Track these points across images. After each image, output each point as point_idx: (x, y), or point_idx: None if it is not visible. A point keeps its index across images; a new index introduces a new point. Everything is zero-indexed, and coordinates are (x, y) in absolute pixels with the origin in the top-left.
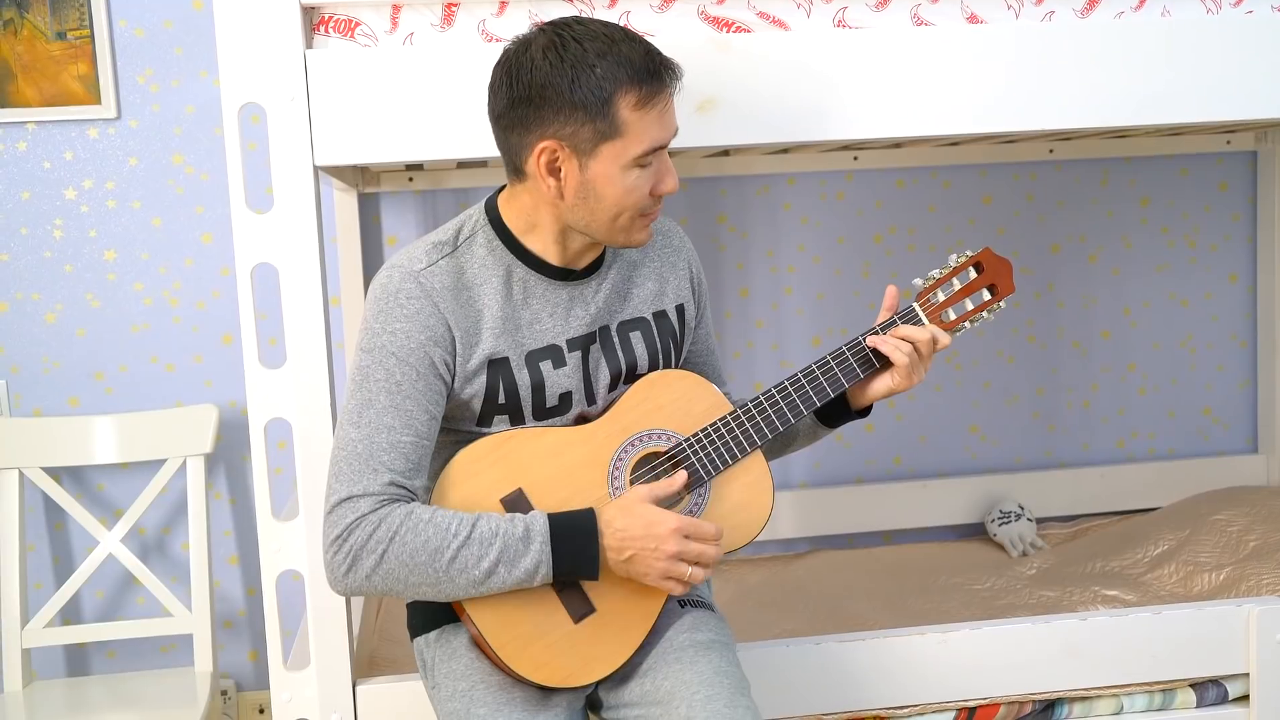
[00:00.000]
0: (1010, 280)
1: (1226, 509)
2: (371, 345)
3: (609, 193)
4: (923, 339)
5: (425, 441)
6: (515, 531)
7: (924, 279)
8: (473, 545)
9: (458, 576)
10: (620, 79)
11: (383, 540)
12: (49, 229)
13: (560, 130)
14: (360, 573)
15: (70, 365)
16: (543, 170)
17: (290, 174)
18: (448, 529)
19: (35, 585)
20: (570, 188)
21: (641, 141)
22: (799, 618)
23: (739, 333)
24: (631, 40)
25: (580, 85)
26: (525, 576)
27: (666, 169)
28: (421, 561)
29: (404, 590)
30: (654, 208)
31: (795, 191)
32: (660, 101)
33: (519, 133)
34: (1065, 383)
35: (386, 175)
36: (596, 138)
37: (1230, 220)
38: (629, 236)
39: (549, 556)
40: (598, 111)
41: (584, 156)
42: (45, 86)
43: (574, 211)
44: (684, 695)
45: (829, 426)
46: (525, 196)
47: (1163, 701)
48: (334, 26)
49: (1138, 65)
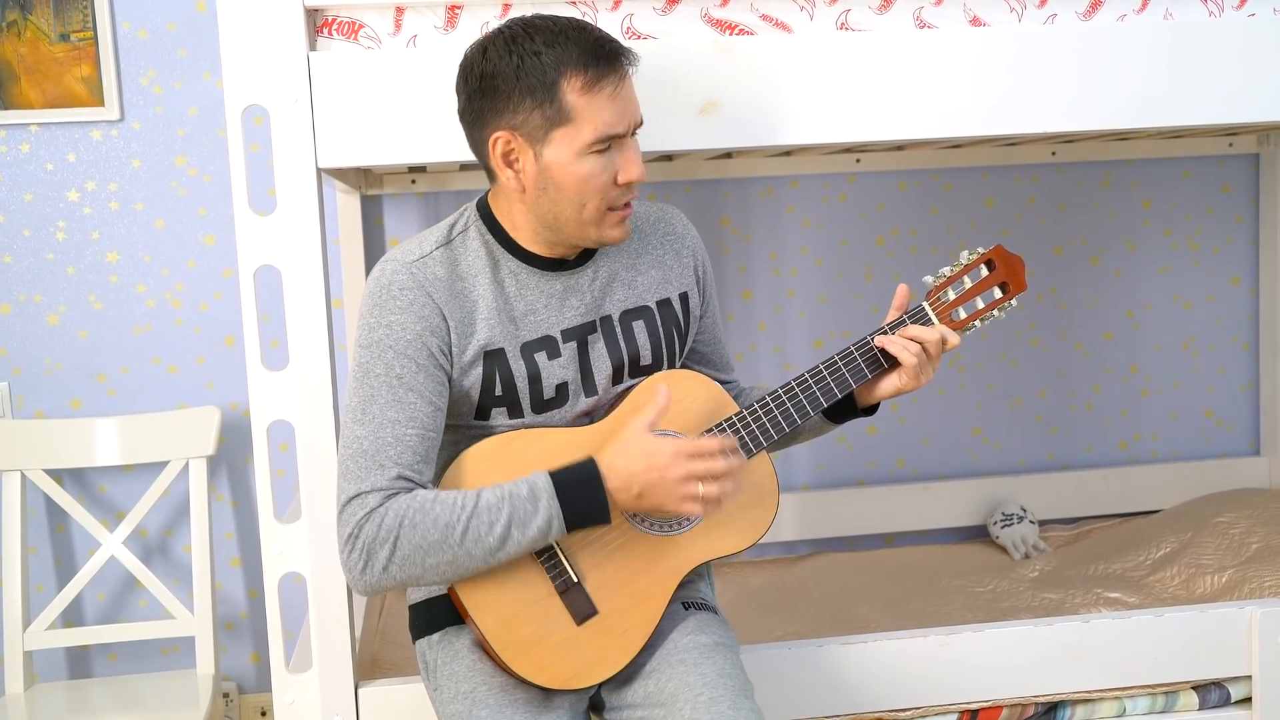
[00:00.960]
0: (1022, 278)
1: (1229, 511)
2: (369, 340)
3: (566, 181)
4: (931, 339)
5: (431, 433)
6: (520, 493)
7: (934, 277)
8: (481, 514)
9: (473, 548)
10: (565, 61)
11: (392, 529)
12: (52, 231)
13: (512, 119)
14: (376, 566)
15: (72, 367)
16: (500, 161)
17: (293, 176)
18: (453, 504)
19: (37, 587)
20: (528, 178)
21: (594, 126)
22: (801, 620)
23: (742, 335)
24: (583, 29)
25: (525, 71)
26: (539, 535)
27: (629, 158)
28: (434, 540)
29: (423, 575)
30: (622, 199)
31: (798, 194)
32: (609, 84)
33: (478, 127)
34: (1068, 385)
35: (389, 177)
36: (547, 124)
37: (1233, 222)
38: (601, 231)
39: (558, 510)
40: (544, 96)
41: (537, 144)
42: (48, 88)
43: (538, 204)
44: (688, 697)
45: (835, 423)
46: (501, 196)
47: (1165, 704)
48: (337, 29)
49: (1140, 68)
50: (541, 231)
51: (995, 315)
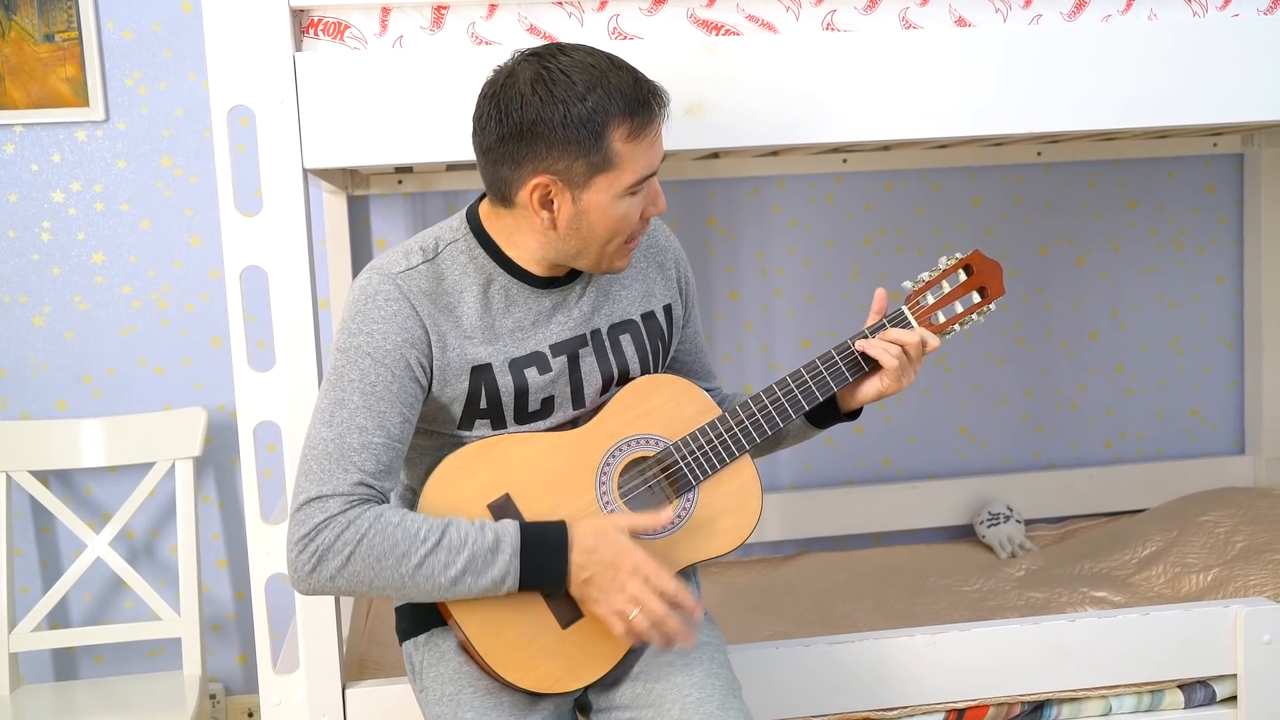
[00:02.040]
0: (1000, 282)
1: (1214, 510)
2: (347, 345)
3: (601, 222)
4: (911, 342)
5: (398, 444)
6: (485, 541)
7: (913, 282)
8: (440, 552)
9: (423, 582)
10: (612, 111)
11: (350, 543)
12: (37, 232)
13: (554, 165)
14: (324, 573)
15: (58, 368)
16: (535, 204)
17: (279, 176)
18: (416, 534)
19: (22, 589)
20: (563, 219)
21: (634, 171)
22: (788, 620)
23: (728, 335)
24: (619, 69)
25: (572, 120)
26: (491, 586)
27: (655, 192)
28: (388, 565)
29: (366, 591)
30: (641, 231)
31: (784, 194)
32: (651, 131)
33: (509, 167)
34: (1054, 384)
35: (376, 178)
36: (590, 171)
37: (1217, 223)
38: (613, 263)
39: (516, 568)
40: (591, 146)
41: (577, 189)
42: (33, 89)
43: (565, 241)
44: (676, 698)
45: (819, 427)
46: (510, 220)
47: (1151, 703)
48: (323, 29)
49: (1125, 68)
50: (549, 259)
51: (974, 320)
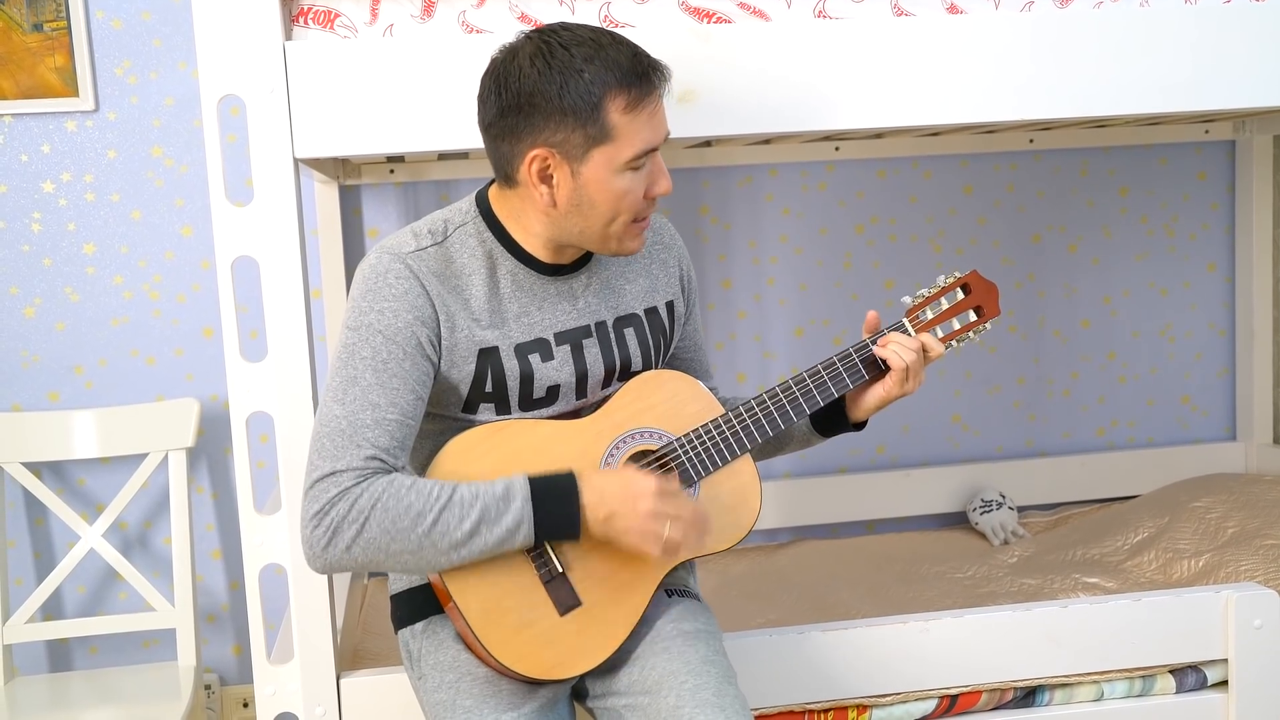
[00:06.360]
0: (996, 304)
1: (1205, 496)
2: (358, 323)
3: (602, 198)
4: (917, 347)
5: (410, 421)
6: (495, 491)
7: (913, 297)
8: (454, 508)
9: (440, 540)
10: (609, 82)
11: (364, 510)
12: (27, 222)
13: (551, 137)
14: (340, 545)
15: (50, 359)
16: (534, 178)
17: (270, 166)
18: (429, 493)
19: (16, 581)
20: (563, 195)
21: (633, 144)
22: (782, 607)
23: (722, 324)
24: (619, 43)
25: (569, 91)
26: (506, 535)
27: (659, 170)
28: (403, 527)
29: (384, 560)
30: (648, 211)
31: (777, 182)
32: (650, 103)
33: (509, 141)
34: (1046, 372)
35: (367, 167)
36: (588, 143)
37: (1209, 209)
38: (621, 244)
39: (530, 514)
40: (588, 117)
41: (575, 163)
42: (22, 79)
43: (567, 219)
44: (672, 684)
45: (824, 435)
46: (515, 200)
47: (1142, 688)
48: (313, 18)
49: (1116, 55)
50: (556, 240)
51: (970, 337)
